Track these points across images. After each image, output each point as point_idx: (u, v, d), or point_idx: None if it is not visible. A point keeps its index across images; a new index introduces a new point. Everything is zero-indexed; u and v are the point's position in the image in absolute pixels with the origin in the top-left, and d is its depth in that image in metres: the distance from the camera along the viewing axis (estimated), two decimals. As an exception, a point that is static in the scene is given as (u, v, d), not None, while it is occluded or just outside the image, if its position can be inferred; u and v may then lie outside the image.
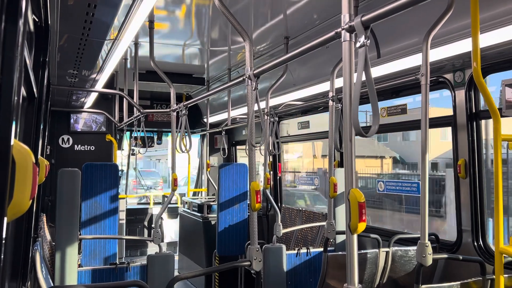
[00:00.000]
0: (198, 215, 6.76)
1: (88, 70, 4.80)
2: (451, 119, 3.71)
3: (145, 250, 8.71)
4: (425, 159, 2.72)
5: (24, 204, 0.81)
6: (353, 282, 1.69)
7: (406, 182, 4.54)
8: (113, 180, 4.97)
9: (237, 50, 5.16)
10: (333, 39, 1.91)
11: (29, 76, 2.06)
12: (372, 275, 3.52)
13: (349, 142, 1.72)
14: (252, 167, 2.81)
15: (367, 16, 1.66)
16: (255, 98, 2.72)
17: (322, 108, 5.55)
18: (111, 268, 3.88)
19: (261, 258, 2.71)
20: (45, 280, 2.86)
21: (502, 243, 2.07)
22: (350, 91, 1.70)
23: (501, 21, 2.69)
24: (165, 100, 8.86)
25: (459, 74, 3.60)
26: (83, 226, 4.79)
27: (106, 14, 3.07)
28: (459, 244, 3.67)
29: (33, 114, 2.43)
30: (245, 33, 2.78)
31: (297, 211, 6.10)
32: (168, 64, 5.96)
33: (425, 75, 2.68)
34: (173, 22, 4.21)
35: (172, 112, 4.36)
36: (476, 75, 2.09)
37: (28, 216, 2.35)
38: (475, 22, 2.09)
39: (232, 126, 6.88)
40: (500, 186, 2.09)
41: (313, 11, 3.79)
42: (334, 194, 3.79)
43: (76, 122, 7.98)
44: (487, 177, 3.66)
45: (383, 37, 3.53)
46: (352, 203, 1.62)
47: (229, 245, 5.84)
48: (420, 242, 2.71)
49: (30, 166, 0.82)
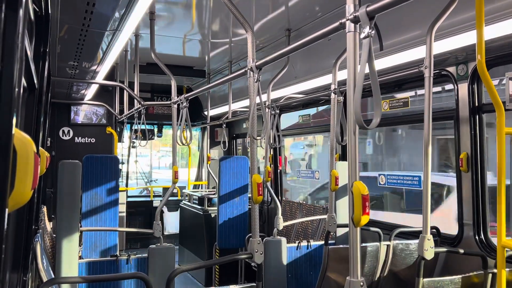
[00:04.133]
0: (199, 208, 6.76)
1: (88, 61, 4.77)
2: (454, 112, 3.69)
3: (146, 242, 8.73)
4: (427, 152, 2.70)
5: (25, 194, 0.80)
6: (356, 274, 1.68)
7: (408, 175, 4.53)
8: (113, 172, 4.97)
9: (238, 42, 5.13)
10: (337, 29, 1.89)
11: (30, 67, 2.04)
12: (373, 268, 3.52)
13: (353, 135, 1.71)
14: (254, 159, 2.80)
15: (372, 6, 1.64)
16: (257, 90, 2.71)
17: (323, 101, 5.53)
18: (112, 260, 3.88)
19: (263, 251, 2.71)
20: (46, 271, 2.86)
21: (505, 237, 2.06)
22: (355, 82, 1.69)
23: (505, 13, 2.66)
24: (165, 92, 8.83)
25: (462, 67, 3.58)
26: (84, 218, 4.79)
27: (107, 5, 3.04)
28: (461, 237, 3.67)
29: (33, 105, 2.41)
30: (247, 24, 2.75)
31: (297, 204, 6.10)
32: (169, 56, 5.93)
33: (429, 68, 2.66)
34: (174, 13, 4.18)
35: (173, 105, 4.34)
36: (481, 68, 2.07)
37: (29, 208, 2.34)
38: (479, 14, 2.07)
39: (233, 119, 6.86)
40: (503, 180, 2.08)
41: (315, 3, 3.76)
42: (336, 187, 3.78)
43: (76, 114, 7.96)
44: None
45: (386, 29, 3.51)
46: (356, 195, 1.61)
47: (230, 238, 5.85)
48: (422, 235, 2.70)
49: (32, 155, 0.80)
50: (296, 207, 6.10)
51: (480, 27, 2.08)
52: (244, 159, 6.03)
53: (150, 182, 11.75)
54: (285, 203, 6.42)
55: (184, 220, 7.59)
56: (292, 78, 5.16)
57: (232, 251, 5.73)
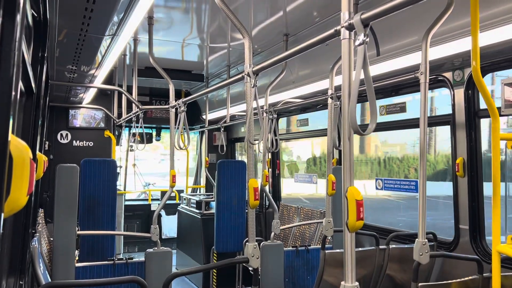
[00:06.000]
0: (197, 211, 6.76)
1: (87, 65, 4.78)
2: (450, 117, 3.71)
3: (143, 246, 8.72)
4: (423, 157, 2.72)
5: (21, 200, 0.81)
6: (351, 279, 1.69)
7: (404, 180, 4.54)
8: (111, 176, 4.97)
9: (236, 47, 5.15)
10: (332, 36, 1.91)
11: (28, 71, 2.05)
12: (369, 272, 3.53)
13: (348, 140, 1.72)
14: (251, 164, 2.81)
15: (366, 14, 1.66)
16: (254, 95, 2.72)
17: (321, 105, 5.55)
18: (109, 264, 3.88)
19: (259, 255, 2.71)
20: (43, 275, 2.86)
21: (500, 242, 2.07)
22: (349, 89, 1.70)
23: (501, 20, 2.68)
24: (164, 96, 8.85)
25: (458, 73, 3.60)
26: (81, 221, 4.79)
27: (106, 10, 3.05)
28: (457, 242, 3.68)
29: (31, 109, 2.42)
30: (244, 30, 2.77)
31: (295, 209, 6.11)
32: (167, 61, 5.95)
33: (424, 74, 2.68)
34: (172, 18, 4.20)
35: (171, 109, 4.35)
36: (475, 74, 2.08)
37: (26, 212, 2.35)
38: (475, 20, 2.08)
39: (231, 123, 6.88)
40: (498, 185, 2.09)
41: (313, 9, 3.78)
42: (332, 192, 3.79)
43: (74, 118, 7.96)
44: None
45: (383, 35, 3.52)
46: (350, 201, 1.62)
47: (227, 241, 5.85)
48: (417, 240, 2.71)
49: (28, 162, 0.81)
50: (294, 211, 6.11)
51: (475, 33, 2.10)
52: (242, 163, 6.04)
53: (148, 185, 11.74)
54: (282, 207, 6.43)
55: (181, 223, 7.58)
56: (290, 82, 5.18)
57: (230, 255, 5.73)
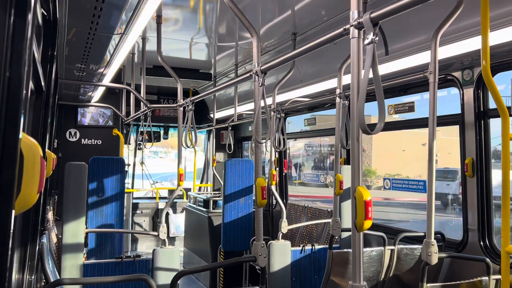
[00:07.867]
0: (204, 210, 6.78)
1: (95, 64, 4.81)
2: (459, 117, 3.69)
3: (151, 244, 8.75)
4: (432, 157, 2.70)
5: (31, 198, 0.81)
6: (358, 279, 1.68)
7: (412, 180, 4.52)
8: (119, 174, 5.00)
9: (244, 45, 5.15)
10: (341, 35, 1.90)
11: (37, 70, 2.07)
12: (377, 272, 3.51)
13: (356, 140, 1.71)
14: (258, 163, 2.81)
15: (376, 12, 1.65)
16: (261, 94, 2.72)
17: (329, 104, 5.54)
18: (117, 262, 3.90)
19: (266, 254, 2.71)
20: (51, 272, 2.89)
21: (509, 243, 2.06)
22: (358, 88, 1.69)
23: (511, 19, 2.66)
24: (172, 95, 8.87)
25: (467, 72, 3.57)
26: (89, 219, 4.82)
27: (114, 9, 3.07)
28: (465, 243, 3.65)
29: (41, 107, 2.44)
30: (252, 29, 2.77)
31: (302, 208, 6.10)
32: (175, 59, 5.96)
33: (434, 73, 2.66)
34: (180, 17, 4.21)
35: (179, 107, 4.36)
36: (485, 73, 2.06)
37: (36, 210, 2.37)
38: (485, 20, 2.07)
39: (239, 122, 6.88)
40: (508, 185, 2.07)
41: (321, 7, 3.77)
42: (340, 191, 3.78)
43: (83, 116, 8.02)
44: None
45: (392, 34, 3.51)
46: (358, 200, 1.62)
47: (234, 240, 5.85)
48: (426, 240, 2.70)
49: (38, 159, 0.82)
50: (301, 211, 6.10)
51: (485, 32, 2.08)
52: (250, 161, 6.04)
53: (156, 183, 11.78)
54: (290, 206, 6.42)
55: (189, 222, 7.60)
56: (298, 81, 5.16)
57: (237, 254, 5.74)
